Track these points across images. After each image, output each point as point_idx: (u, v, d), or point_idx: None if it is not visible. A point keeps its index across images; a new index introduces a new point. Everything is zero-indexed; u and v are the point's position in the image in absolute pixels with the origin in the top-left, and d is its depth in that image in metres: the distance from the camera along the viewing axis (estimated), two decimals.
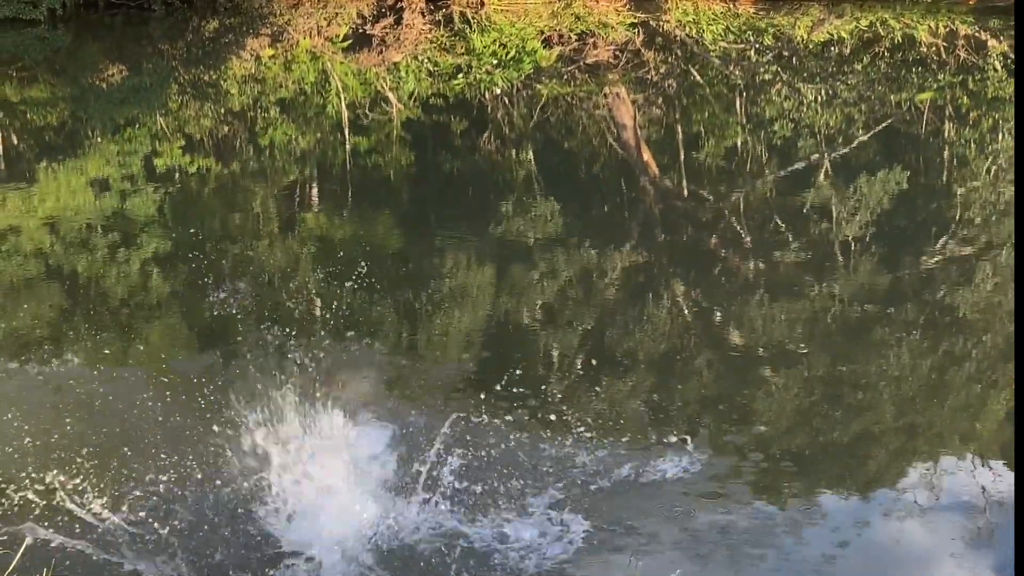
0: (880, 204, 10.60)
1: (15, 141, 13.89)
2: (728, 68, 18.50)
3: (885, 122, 14.61)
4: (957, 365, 7.00)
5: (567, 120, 15.62)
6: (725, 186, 11.76)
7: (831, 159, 12.52)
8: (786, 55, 19.42)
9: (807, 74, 17.86)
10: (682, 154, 13.08)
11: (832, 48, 19.72)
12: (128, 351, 7.11)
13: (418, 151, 13.54)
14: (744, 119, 15.16)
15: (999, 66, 17.42)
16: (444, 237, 9.70)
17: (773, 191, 11.43)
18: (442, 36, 21.54)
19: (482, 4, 23.74)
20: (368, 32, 21.85)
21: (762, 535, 4.96)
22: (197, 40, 22.05)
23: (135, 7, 23.71)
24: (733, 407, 6.27)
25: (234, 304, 7.55)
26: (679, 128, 14.71)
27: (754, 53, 19.71)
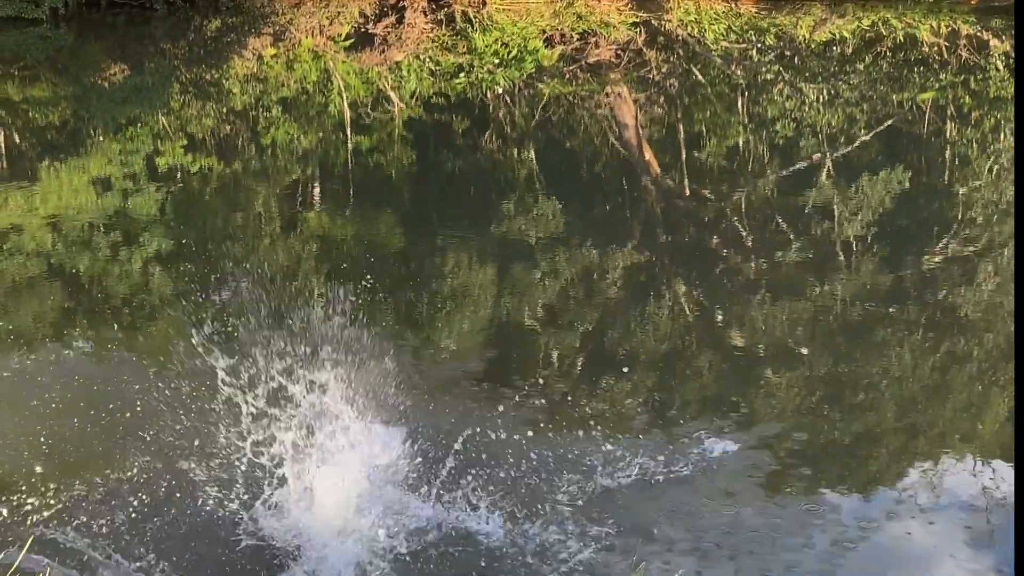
0: (882, 204, 10.60)
1: (17, 140, 13.90)
2: (730, 67, 18.51)
3: (887, 122, 14.61)
4: (959, 365, 7.00)
5: (569, 119, 15.62)
6: (727, 185, 11.76)
7: (833, 159, 12.52)
8: (788, 55, 19.43)
9: (809, 74, 17.86)
10: (684, 153, 13.08)
11: (834, 48, 19.72)
12: (128, 350, 7.12)
13: (420, 150, 13.54)
14: (746, 119, 15.16)
15: (1001, 66, 17.42)
16: (446, 236, 9.71)
17: (775, 191, 11.43)
18: (444, 35, 21.56)
19: (484, 3, 23.75)
20: (370, 31, 21.87)
21: (764, 534, 4.96)
22: (199, 39, 22.06)
23: (137, 6, 23.71)
24: (734, 407, 6.27)
25: (235, 303, 7.56)
26: (681, 127, 14.71)
27: (756, 52, 19.71)
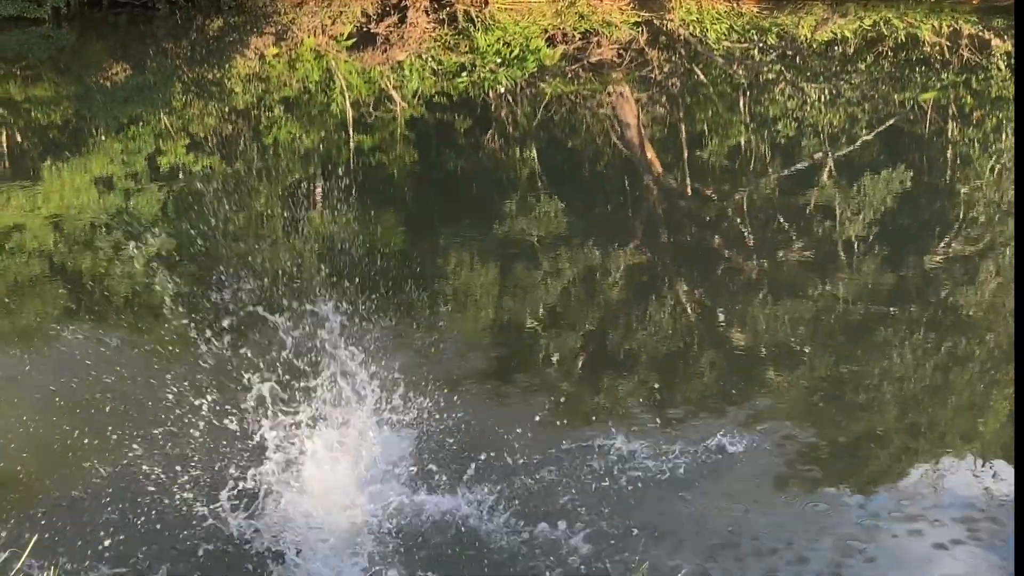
0: (883, 203, 10.60)
1: (19, 139, 13.91)
2: (732, 67, 18.51)
3: (888, 121, 14.61)
4: (961, 365, 7.00)
5: (571, 119, 15.62)
6: (728, 185, 11.75)
7: (834, 158, 12.52)
8: (790, 54, 19.42)
9: (810, 73, 17.85)
10: (686, 153, 13.08)
11: (836, 47, 19.71)
12: (130, 350, 7.12)
13: (422, 150, 13.54)
14: (747, 118, 15.16)
15: (1002, 65, 17.42)
16: (448, 235, 9.71)
17: (776, 190, 11.43)
18: (446, 35, 21.56)
19: (486, 3, 23.75)
20: (372, 31, 21.87)
21: (767, 534, 4.96)
22: (201, 39, 22.07)
23: (139, 6, 23.72)
24: (737, 406, 6.27)
25: (236, 303, 7.56)
26: (683, 127, 14.71)
27: (758, 52, 19.71)
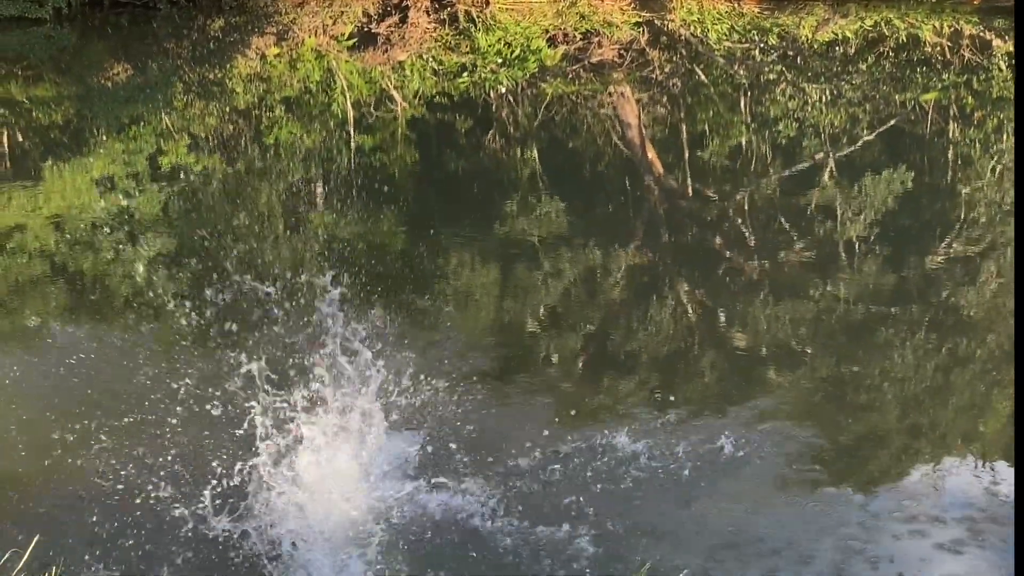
0: (885, 204, 10.60)
1: (21, 139, 13.92)
2: (732, 67, 18.51)
3: (890, 122, 14.61)
4: (962, 365, 7.00)
5: (572, 119, 15.62)
6: (729, 185, 11.76)
7: (835, 159, 12.52)
8: (791, 54, 19.42)
9: (811, 74, 17.85)
10: (686, 153, 13.09)
11: (837, 48, 19.71)
12: (131, 350, 7.12)
13: (423, 150, 13.55)
14: (748, 118, 15.16)
15: (1004, 66, 17.42)
16: (449, 235, 9.71)
17: (777, 191, 11.43)
18: (447, 35, 21.56)
19: (487, 3, 23.75)
20: (373, 31, 21.87)
21: (769, 534, 4.97)
22: (202, 39, 22.07)
23: (140, 6, 23.73)
24: (738, 406, 6.28)
25: (238, 302, 7.56)
26: (683, 127, 14.71)
27: (759, 52, 19.71)
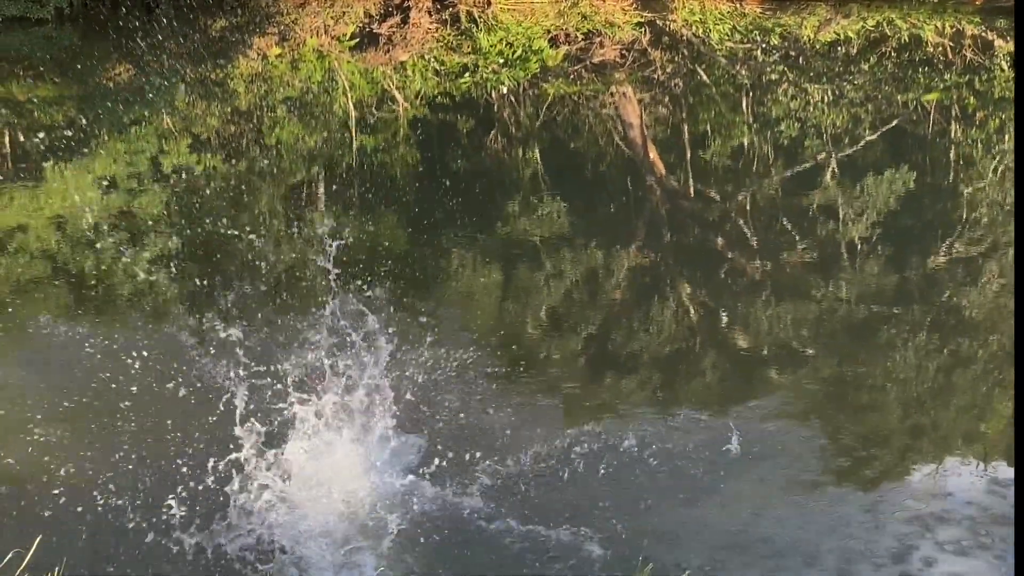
0: (887, 204, 10.59)
1: (22, 139, 13.92)
2: (734, 68, 18.50)
3: (892, 122, 14.60)
4: (964, 366, 7.00)
5: (573, 119, 15.62)
6: (731, 185, 11.76)
7: (838, 159, 12.52)
8: (793, 55, 19.41)
9: (814, 74, 17.85)
10: (688, 153, 13.09)
11: (839, 48, 19.70)
12: (132, 349, 7.12)
13: (425, 150, 13.55)
14: (750, 119, 15.16)
15: (1005, 66, 17.40)
16: (450, 235, 9.71)
17: (779, 191, 11.43)
18: (449, 35, 21.56)
19: (489, 3, 23.75)
20: (375, 31, 21.87)
21: (771, 534, 4.97)
22: (204, 39, 22.07)
23: (142, 6, 23.70)
24: (740, 407, 6.28)
25: (239, 302, 7.57)
26: (685, 127, 14.71)
27: (760, 53, 19.70)
